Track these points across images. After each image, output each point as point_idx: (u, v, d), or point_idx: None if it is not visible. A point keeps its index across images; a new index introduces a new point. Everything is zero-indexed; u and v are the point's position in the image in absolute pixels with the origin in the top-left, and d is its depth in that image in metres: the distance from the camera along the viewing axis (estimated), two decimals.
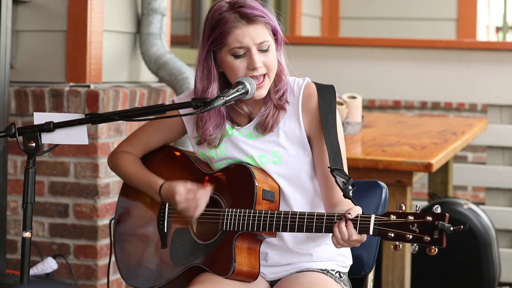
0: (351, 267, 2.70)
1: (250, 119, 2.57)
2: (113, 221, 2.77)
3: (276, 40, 2.53)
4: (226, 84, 2.54)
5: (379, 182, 2.83)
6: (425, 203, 5.68)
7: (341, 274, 2.62)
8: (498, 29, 8.62)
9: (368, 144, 4.08)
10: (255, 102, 2.55)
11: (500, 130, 5.74)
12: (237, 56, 2.46)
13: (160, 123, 2.66)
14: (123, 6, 4.17)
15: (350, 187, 2.37)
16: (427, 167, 3.57)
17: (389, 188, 2.92)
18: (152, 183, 2.62)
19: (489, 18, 7.81)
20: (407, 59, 5.97)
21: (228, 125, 2.57)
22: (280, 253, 2.58)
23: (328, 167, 2.42)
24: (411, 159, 3.61)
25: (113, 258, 2.78)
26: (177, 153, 2.69)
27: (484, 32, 7.54)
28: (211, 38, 2.48)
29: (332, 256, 2.61)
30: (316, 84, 2.56)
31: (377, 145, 4.00)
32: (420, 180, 6.23)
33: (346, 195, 2.37)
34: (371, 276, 2.80)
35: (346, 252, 2.66)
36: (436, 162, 3.64)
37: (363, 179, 3.07)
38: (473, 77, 5.85)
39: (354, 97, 4.57)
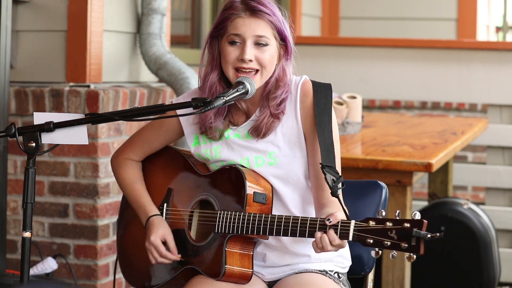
0: (351, 267, 2.69)
1: (247, 118, 2.57)
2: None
3: (285, 48, 2.54)
4: (225, 77, 2.54)
5: (379, 182, 2.83)
6: (425, 203, 5.67)
7: (340, 275, 2.62)
8: (498, 29, 8.62)
9: (368, 144, 4.08)
10: (253, 100, 2.54)
11: (500, 130, 5.74)
12: (231, 43, 2.48)
13: (160, 126, 2.66)
14: (123, 6, 4.17)
15: (339, 186, 2.34)
16: (427, 167, 3.57)
17: (389, 188, 2.92)
18: (143, 209, 2.64)
19: (489, 18, 7.80)
20: (407, 59, 5.97)
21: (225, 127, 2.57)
22: (279, 254, 2.58)
23: (320, 163, 2.40)
24: (411, 159, 3.60)
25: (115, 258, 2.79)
26: (175, 154, 2.69)
27: (484, 32, 7.54)
28: (216, 23, 2.52)
29: (330, 257, 2.60)
30: (313, 82, 2.56)
31: (377, 145, 4.00)
32: (420, 180, 6.22)
33: (333, 194, 2.33)
34: (371, 276, 2.80)
35: (345, 253, 2.65)
36: (436, 162, 3.64)
37: (363, 179, 3.06)
38: (473, 77, 5.85)
39: (354, 97, 4.57)
